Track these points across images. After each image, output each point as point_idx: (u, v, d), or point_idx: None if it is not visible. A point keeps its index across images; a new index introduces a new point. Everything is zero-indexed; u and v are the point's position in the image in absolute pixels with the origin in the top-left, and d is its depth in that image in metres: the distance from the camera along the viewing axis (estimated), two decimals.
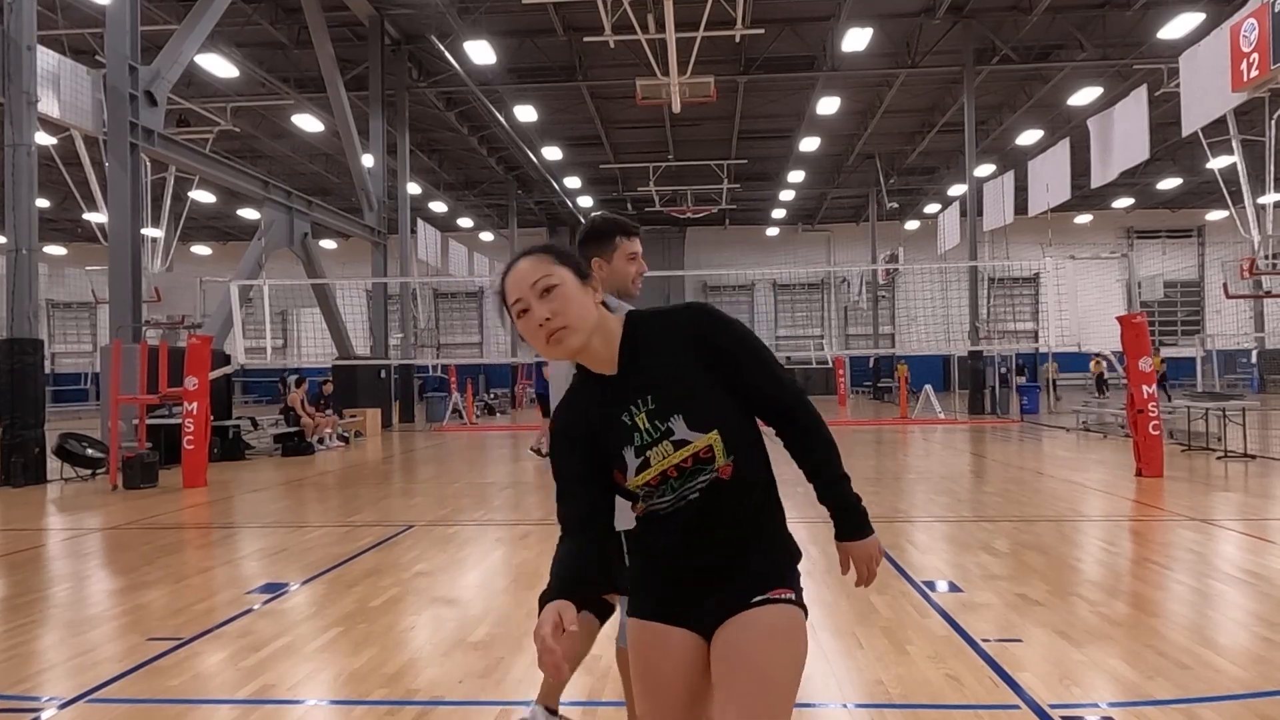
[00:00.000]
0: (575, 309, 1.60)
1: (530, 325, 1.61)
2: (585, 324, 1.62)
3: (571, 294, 1.60)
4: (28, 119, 11.12)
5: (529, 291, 1.59)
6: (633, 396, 1.66)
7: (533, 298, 1.59)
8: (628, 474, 1.66)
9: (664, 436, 1.64)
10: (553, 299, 1.59)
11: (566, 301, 1.59)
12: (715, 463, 1.65)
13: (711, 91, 17.88)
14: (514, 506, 8.81)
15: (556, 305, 1.59)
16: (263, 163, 27.96)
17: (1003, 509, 8.06)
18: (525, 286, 1.60)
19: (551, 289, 1.59)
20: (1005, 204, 19.65)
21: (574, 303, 1.60)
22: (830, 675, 3.73)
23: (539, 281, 1.60)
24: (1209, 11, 16.91)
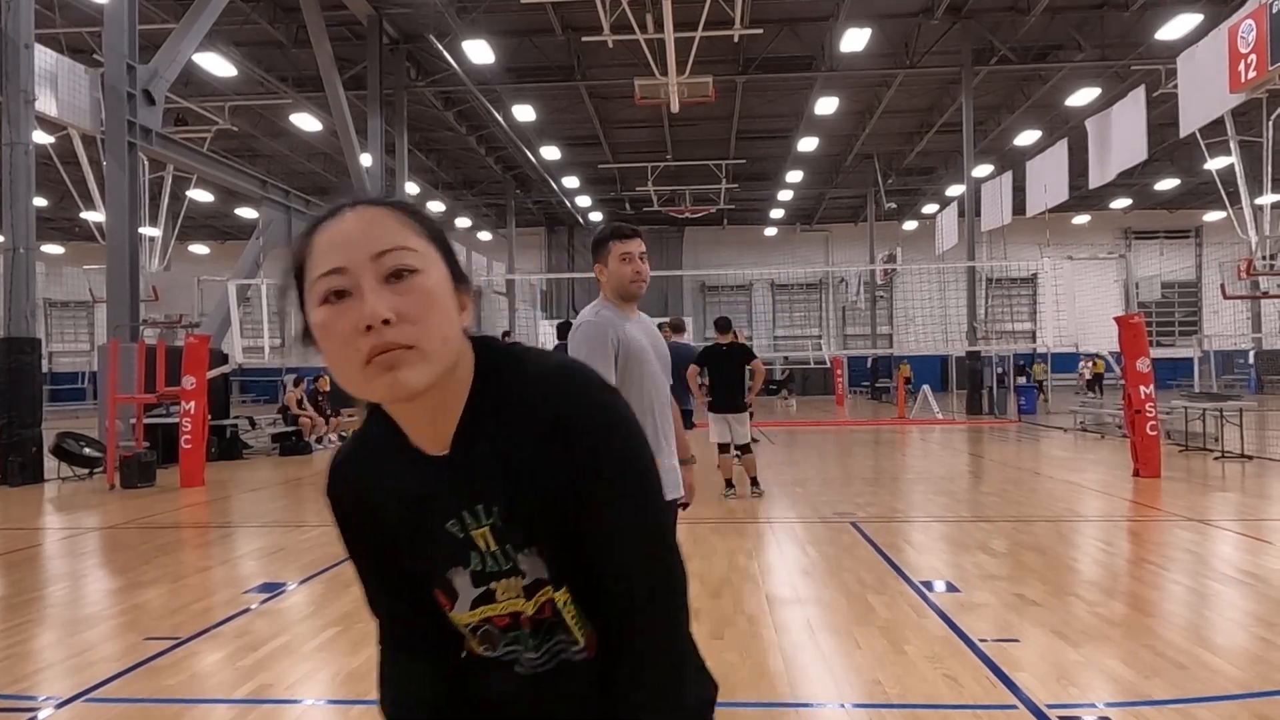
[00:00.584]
0: (438, 319, 0.93)
1: (346, 326, 0.91)
2: (445, 352, 0.94)
3: (438, 293, 0.94)
4: (25, 118, 11.10)
5: (365, 264, 0.91)
6: (467, 499, 1.02)
7: (368, 276, 0.91)
8: (457, 603, 1.09)
9: (512, 572, 1.05)
10: (406, 289, 0.92)
11: (428, 301, 0.93)
12: (571, 635, 1.10)
13: (710, 91, 17.88)
14: None
15: (410, 302, 0.91)
16: (261, 162, 27.93)
17: (1000, 509, 8.07)
18: (359, 253, 0.92)
19: (406, 272, 0.92)
20: (1003, 204, 19.68)
21: (438, 309, 0.93)
22: (828, 675, 3.73)
23: (388, 254, 0.92)
24: (1207, 13, 16.92)
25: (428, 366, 0.92)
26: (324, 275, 0.93)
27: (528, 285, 37.61)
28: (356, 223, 0.94)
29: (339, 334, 0.92)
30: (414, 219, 0.97)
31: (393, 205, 0.98)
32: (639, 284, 3.08)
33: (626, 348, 3.02)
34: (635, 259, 3.08)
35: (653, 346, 3.11)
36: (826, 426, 19.73)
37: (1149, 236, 39.02)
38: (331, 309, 0.92)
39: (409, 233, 0.95)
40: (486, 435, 1.00)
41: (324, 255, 0.94)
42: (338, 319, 0.92)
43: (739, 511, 8.00)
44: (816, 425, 20.02)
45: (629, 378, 3.03)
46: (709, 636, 4.26)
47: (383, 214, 0.96)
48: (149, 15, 16.34)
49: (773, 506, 8.34)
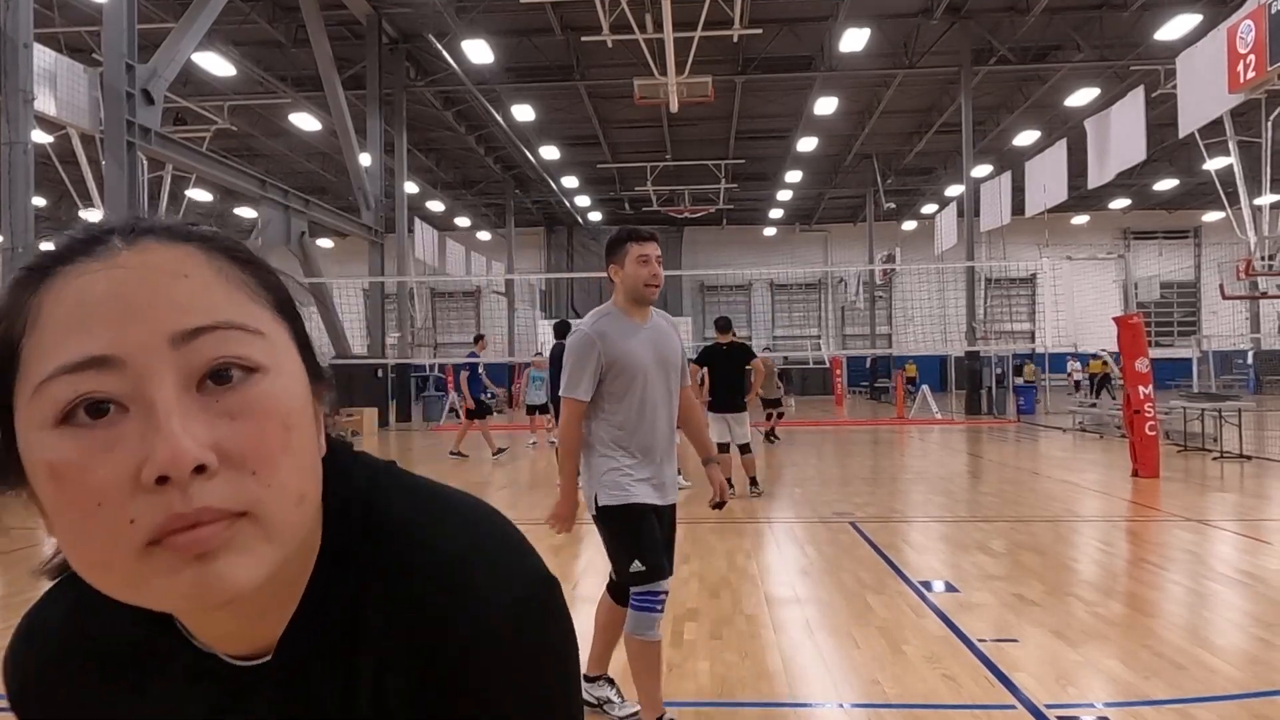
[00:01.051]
0: (293, 460, 0.53)
1: (110, 476, 0.48)
2: (298, 519, 0.54)
3: (293, 409, 0.54)
4: (24, 117, 11.10)
5: (156, 353, 0.50)
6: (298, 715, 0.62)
7: (163, 376, 0.50)
8: None
9: None
10: (239, 405, 0.51)
11: (278, 427, 0.52)
12: None
13: (709, 91, 17.88)
14: (511, 505, 8.80)
15: (246, 432, 0.51)
16: (260, 161, 27.91)
17: (999, 509, 8.07)
18: (145, 331, 0.50)
19: (238, 371, 0.52)
20: (1002, 204, 19.69)
21: (294, 440, 0.53)
22: (827, 675, 3.74)
23: (205, 334, 0.51)
24: (1206, 13, 16.93)
25: (270, 550, 0.51)
26: (66, 371, 0.49)
27: (527, 285, 37.62)
28: (139, 274, 0.51)
29: (91, 490, 0.48)
30: (246, 269, 0.56)
31: (206, 242, 0.55)
32: (653, 288, 3.08)
33: (616, 364, 3.02)
34: (652, 262, 3.08)
35: (658, 355, 3.09)
36: (825, 426, 19.73)
37: (1148, 237, 39.04)
38: (77, 438, 0.49)
39: (241, 295, 0.54)
40: (329, 643, 0.60)
41: (67, 330, 0.50)
42: (90, 460, 0.48)
43: (738, 511, 8.00)
44: (815, 425, 20.02)
45: (619, 393, 3.04)
46: (708, 636, 4.27)
47: (189, 257, 0.53)
48: (148, 15, 16.34)
49: (772, 506, 8.34)
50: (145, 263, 0.52)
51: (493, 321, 37.15)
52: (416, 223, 23.76)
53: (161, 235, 0.54)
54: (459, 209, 35.81)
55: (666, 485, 3.14)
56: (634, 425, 3.05)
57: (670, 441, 3.15)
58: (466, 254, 30.12)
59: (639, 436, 3.06)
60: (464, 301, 40.29)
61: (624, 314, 3.10)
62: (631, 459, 3.06)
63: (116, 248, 0.53)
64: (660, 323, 3.19)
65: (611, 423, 3.07)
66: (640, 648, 3.06)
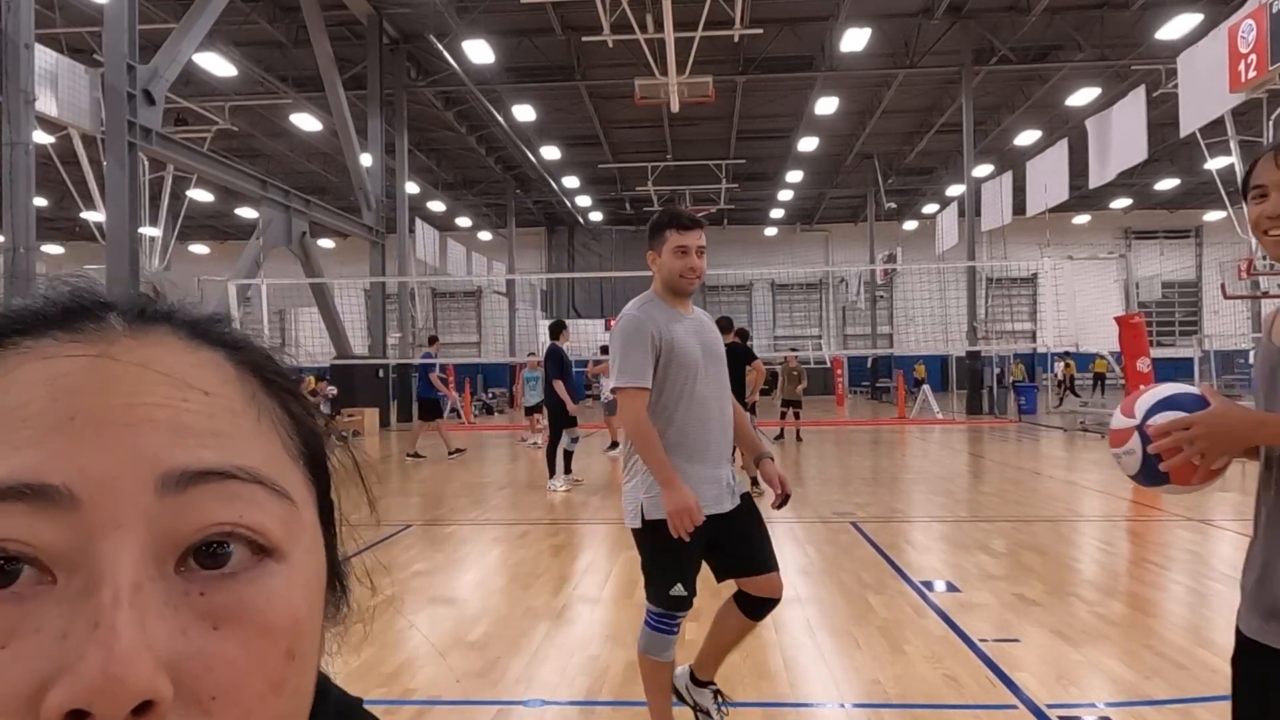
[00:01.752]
0: (285, 700, 0.34)
1: (8, 685, 0.29)
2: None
3: (301, 623, 0.35)
4: (25, 118, 11.11)
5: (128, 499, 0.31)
6: None
7: (127, 541, 0.31)
8: None
9: None
10: (232, 609, 0.33)
11: (275, 651, 0.33)
12: None
13: (710, 91, 17.87)
14: (511, 505, 8.81)
15: (233, 651, 0.32)
16: (261, 162, 27.92)
17: (1000, 509, 8.07)
18: (118, 463, 0.32)
19: (241, 550, 0.33)
20: (1003, 204, 19.68)
21: (292, 686, 0.34)
22: (827, 675, 3.73)
23: (204, 484, 0.33)
24: (1207, 12, 16.92)
25: None
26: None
27: (528, 285, 37.62)
28: (137, 375, 0.35)
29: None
30: (286, 401, 0.40)
31: (240, 351, 0.39)
32: (691, 280, 2.84)
33: (670, 349, 2.77)
34: (692, 253, 2.82)
35: (704, 347, 2.86)
36: (826, 426, 19.73)
37: (1149, 236, 39.01)
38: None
39: (273, 438, 0.38)
40: None
41: (5, 431, 0.32)
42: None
43: None
44: (816, 425, 20.01)
45: (672, 383, 2.79)
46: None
47: (213, 368, 0.37)
48: (149, 15, 16.35)
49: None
50: (150, 359, 0.35)
51: (494, 322, 37.17)
52: (417, 223, 23.77)
53: (180, 328, 0.38)
54: (460, 209, 35.82)
55: (724, 492, 2.85)
56: (689, 423, 2.79)
57: (726, 440, 2.89)
58: (467, 254, 30.13)
59: (690, 437, 2.78)
60: (465, 302, 40.30)
61: (665, 303, 2.88)
62: (687, 464, 2.76)
63: (114, 329, 0.36)
64: (703, 317, 2.98)
65: (663, 420, 2.79)
66: (653, 668, 2.92)
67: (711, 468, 2.82)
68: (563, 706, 3.46)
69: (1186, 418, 1.60)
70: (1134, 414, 1.71)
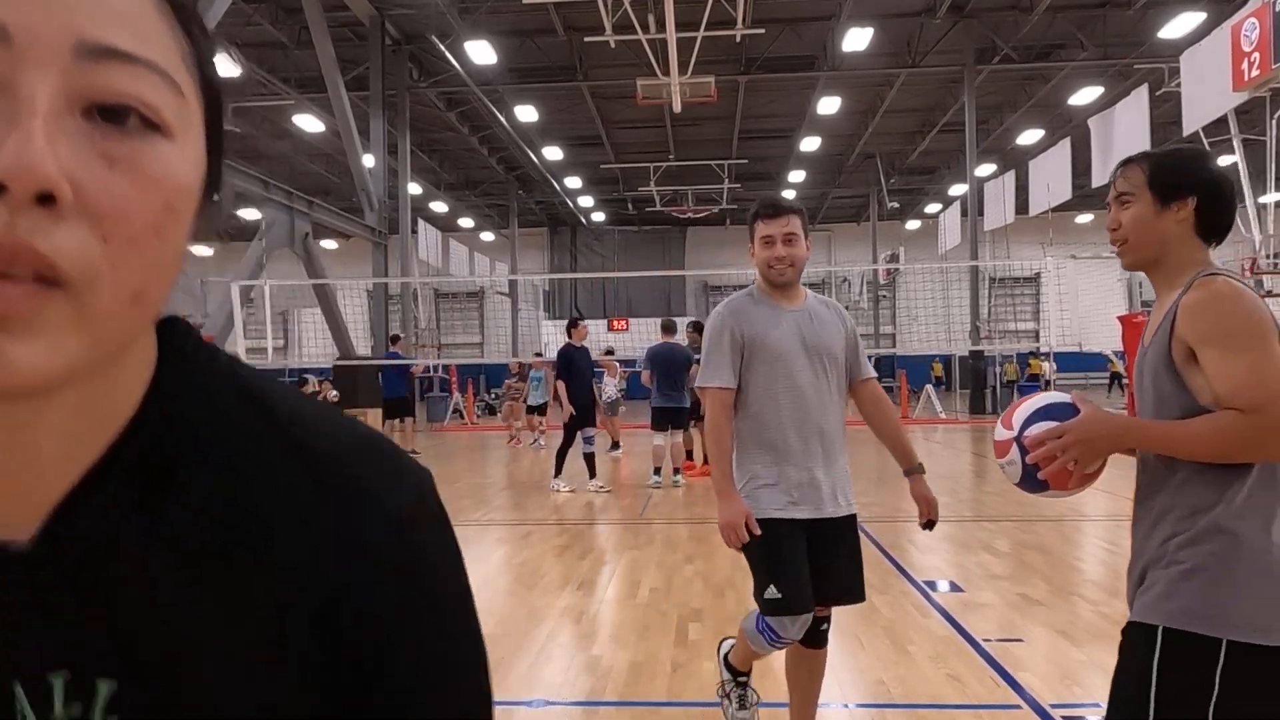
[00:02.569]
0: (155, 251, 0.41)
1: None
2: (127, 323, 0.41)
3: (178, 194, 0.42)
4: None
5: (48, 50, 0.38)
6: (42, 651, 0.42)
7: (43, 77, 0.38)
8: None
9: None
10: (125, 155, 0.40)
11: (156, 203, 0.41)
12: None
13: (712, 91, 17.87)
14: (515, 506, 8.81)
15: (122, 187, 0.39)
16: (263, 163, 27.93)
17: (1003, 509, 8.06)
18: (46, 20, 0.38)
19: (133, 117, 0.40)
20: (1006, 204, 19.66)
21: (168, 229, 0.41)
22: (831, 675, 3.73)
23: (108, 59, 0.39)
24: (1210, 11, 16.89)
25: (74, 346, 0.39)
26: None
27: (530, 286, 37.63)
28: None
29: None
30: (189, 21, 0.48)
31: None
32: (780, 270, 2.73)
33: (753, 344, 2.69)
34: (777, 242, 2.72)
35: (806, 340, 2.71)
36: None
37: None
38: None
39: (174, 45, 0.44)
40: (141, 523, 0.44)
41: None
42: None
43: None
44: None
45: (757, 379, 2.70)
46: (713, 636, 4.26)
47: None
48: None
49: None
50: None
51: (496, 322, 37.18)
52: (420, 224, 23.78)
53: None
54: (462, 210, 35.84)
55: (823, 495, 2.71)
56: (773, 422, 2.68)
57: (826, 443, 2.72)
58: (470, 255, 30.15)
59: (779, 435, 2.68)
60: (467, 302, 40.32)
61: (766, 296, 2.79)
62: (772, 464, 2.68)
63: None
64: (817, 307, 2.82)
65: (749, 418, 2.71)
66: (746, 650, 2.90)
67: (801, 469, 2.68)
68: (566, 707, 3.46)
69: (1059, 427, 1.71)
70: (1012, 426, 1.83)
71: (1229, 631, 1.55)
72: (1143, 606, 1.66)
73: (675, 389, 9.57)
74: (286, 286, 19.08)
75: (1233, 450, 1.60)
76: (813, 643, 2.82)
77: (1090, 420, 1.70)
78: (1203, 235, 1.73)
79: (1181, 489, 1.66)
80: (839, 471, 2.76)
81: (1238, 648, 1.54)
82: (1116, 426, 1.70)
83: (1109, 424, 1.70)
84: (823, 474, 2.70)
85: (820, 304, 2.85)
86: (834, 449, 2.75)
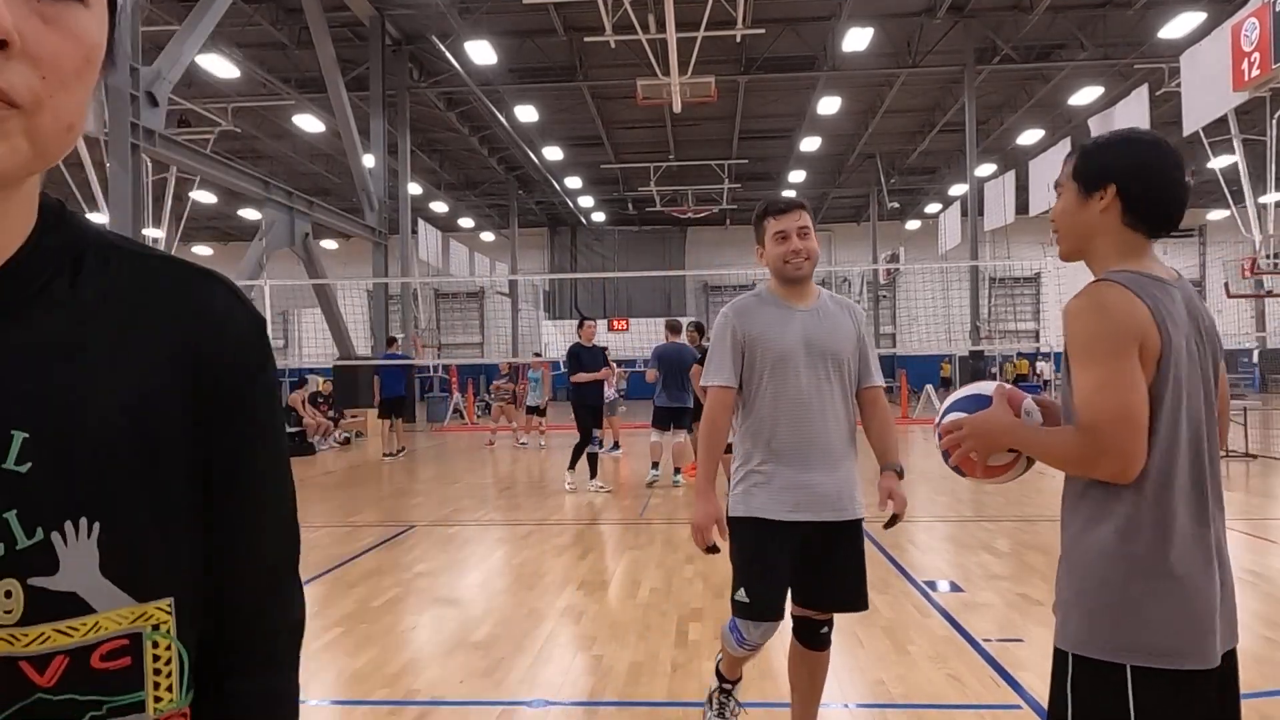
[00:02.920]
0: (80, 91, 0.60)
1: None
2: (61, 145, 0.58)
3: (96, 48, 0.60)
4: None
5: None
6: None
7: None
8: None
9: (16, 567, 0.54)
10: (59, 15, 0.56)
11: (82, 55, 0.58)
12: (138, 693, 0.59)
13: (712, 91, 17.87)
14: (515, 506, 8.81)
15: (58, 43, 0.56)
16: (264, 163, 27.96)
17: (1004, 509, 8.06)
18: None
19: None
20: (1006, 204, 19.65)
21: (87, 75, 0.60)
22: (831, 675, 3.72)
23: None
24: (1210, 11, 16.90)
25: (27, 150, 0.54)
26: None
27: (530, 286, 37.63)
28: None
29: None
30: None
31: None
32: (797, 265, 2.68)
33: (754, 343, 2.67)
34: (792, 236, 2.67)
35: (815, 337, 2.66)
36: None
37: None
38: None
39: None
40: (61, 289, 0.59)
41: None
42: None
43: None
44: None
45: (758, 379, 2.66)
46: (713, 637, 4.26)
47: None
48: (152, 17, 16.38)
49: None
50: None
51: (496, 323, 37.18)
52: (420, 224, 23.79)
53: None
54: (462, 210, 35.85)
55: (820, 499, 2.64)
56: (772, 421, 2.64)
57: (830, 445, 2.67)
58: (470, 255, 30.15)
59: (779, 436, 2.63)
60: (468, 302, 40.32)
61: (775, 295, 2.75)
62: (769, 465, 2.63)
63: None
64: (829, 306, 2.75)
65: (750, 418, 2.68)
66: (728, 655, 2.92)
67: (800, 472, 2.63)
68: (566, 707, 3.46)
69: (959, 419, 1.75)
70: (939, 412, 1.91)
71: (1131, 657, 1.48)
72: (1056, 630, 1.61)
73: (681, 389, 9.59)
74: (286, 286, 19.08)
75: (1069, 465, 1.58)
76: (813, 644, 2.79)
77: (985, 416, 1.71)
78: (1136, 225, 1.63)
79: (1078, 503, 1.63)
80: (841, 476, 2.70)
81: (1144, 673, 1.47)
82: (1004, 425, 1.69)
83: (998, 424, 1.69)
84: (821, 477, 2.65)
85: (833, 302, 2.78)
86: (835, 452, 2.69)
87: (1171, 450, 1.52)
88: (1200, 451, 1.55)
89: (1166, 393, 1.51)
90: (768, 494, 2.63)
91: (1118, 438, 1.48)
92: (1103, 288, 1.55)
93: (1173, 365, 1.52)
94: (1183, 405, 1.53)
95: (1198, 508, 1.54)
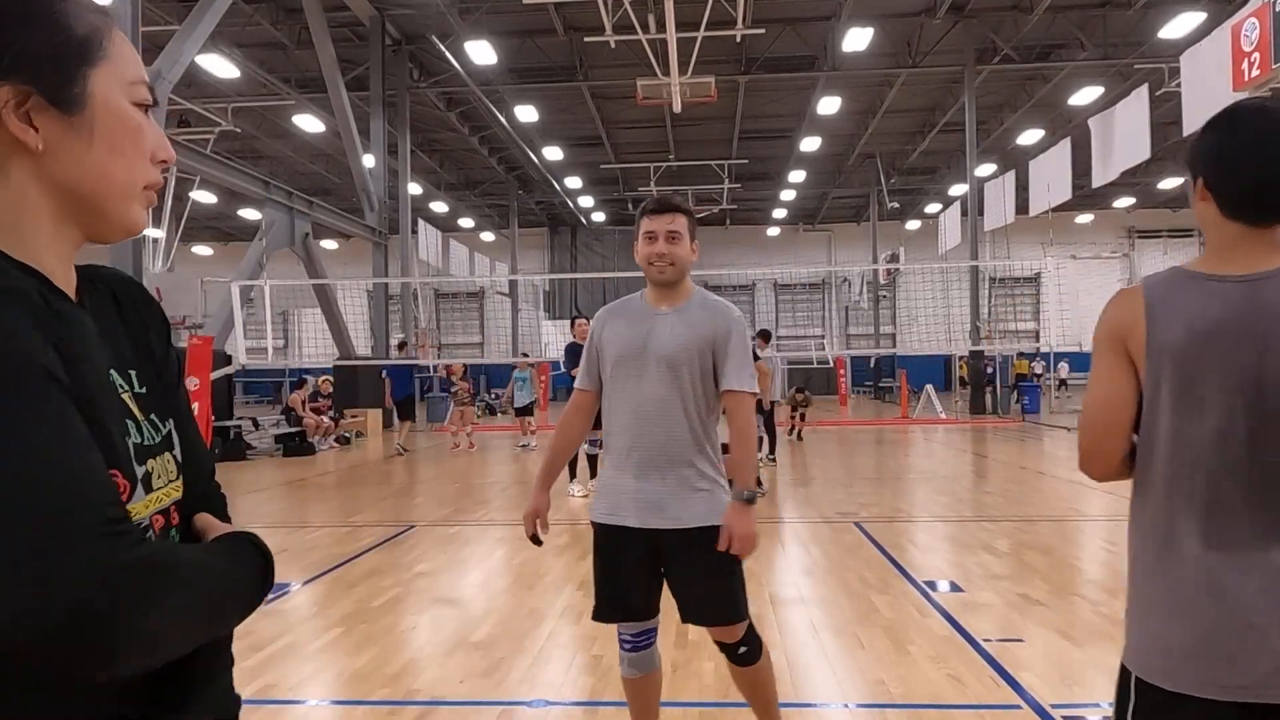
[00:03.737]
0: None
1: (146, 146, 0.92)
2: None
3: None
4: None
5: None
6: (113, 352, 0.88)
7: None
8: (133, 491, 0.82)
9: (165, 448, 0.90)
10: None
11: None
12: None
13: (712, 91, 17.87)
14: (515, 506, 8.81)
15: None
16: (264, 163, 27.95)
17: (1004, 509, 8.06)
18: None
19: None
20: (1006, 204, 19.64)
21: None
22: (831, 675, 3.73)
23: None
24: (1210, 11, 16.89)
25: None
26: (145, 83, 0.92)
27: (530, 286, 37.62)
28: None
29: (140, 147, 0.89)
30: None
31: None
32: (659, 268, 2.59)
33: (603, 348, 2.66)
34: (659, 239, 2.58)
35: (665, 341, 2.55)
36: (829, 426, 19.72)
37: (1152, 235, 38.95)
38: (145, 119, 0.90)
39: None
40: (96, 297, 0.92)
41: (137, 67, 0.92)
42: (148, 130, 0.90)
43: None
44: (819, 425, 20.00)
45: (608, 384, 2.65)
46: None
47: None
48: (151, 17, 16.37)
49: (776, 507, 8.33)
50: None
51: (496, 323, 37.17)
52: (420, 224, 23.78)
53: None
54: (462, 210, 35.85)
55: (650, 505, 2.53)
56: (610, 426, 2.64)
57: (662, 452, 2.54)
58: (470, 255, 30.14)
59: (615, 441, 2.61)
60: (468, 302, 40.32)
61: (645, 297, 2.70)
62: (612, 468, 2.63)
63: None
64: (694, 312, 2.61)
65: (605, 421, 2.68)
66: (623, 683, 2.80)
67: (622, 477, 2.58)
68: (566, 707, 3.46)
69: None
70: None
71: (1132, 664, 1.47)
72: None
73: None
74: (286, 286, 19.06)
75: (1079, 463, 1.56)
76: (735, 661, 2.73)
77: None
78: (1235, 215, 1.43)
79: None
80: (674, 483, 2.53)
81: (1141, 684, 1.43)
82: None
83: None
84: (654, 485, 2.53)
85: (702, 306, 2.64)
86: (671, 459, 2.54)
87: (1175, 459, 1.39)
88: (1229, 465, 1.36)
89: (1160, 395, 1.39)
90: (604, 498, 2.64)
91: (1083, 437, 1.50)
92: (1120, 290, 1.52)
93: (1167, 366, 1.38)
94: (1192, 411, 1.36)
95: (1218, 527, 1.36)
